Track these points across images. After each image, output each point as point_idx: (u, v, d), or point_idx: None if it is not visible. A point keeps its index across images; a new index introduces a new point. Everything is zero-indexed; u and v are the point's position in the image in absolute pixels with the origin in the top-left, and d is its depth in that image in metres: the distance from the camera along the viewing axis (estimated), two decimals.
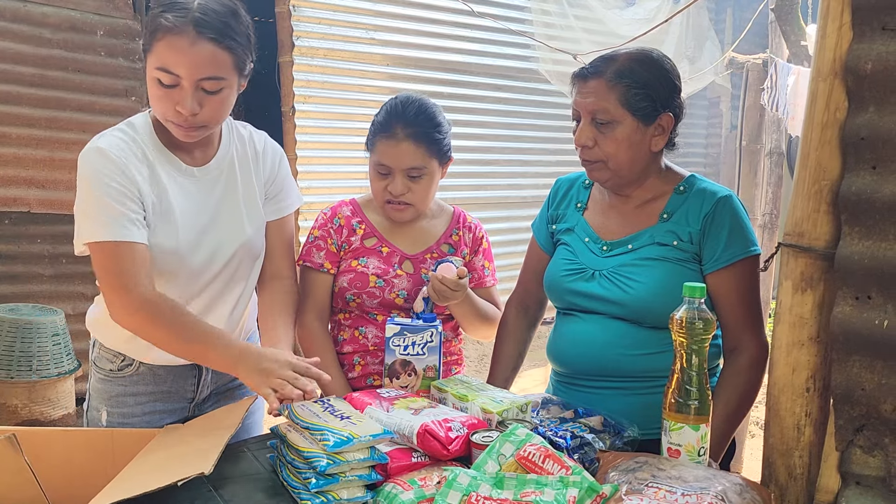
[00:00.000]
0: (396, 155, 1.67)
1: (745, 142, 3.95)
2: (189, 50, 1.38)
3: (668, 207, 1.55)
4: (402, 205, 1.71)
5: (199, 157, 1.58)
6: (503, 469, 1.16)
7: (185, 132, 1.46)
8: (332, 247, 1.75)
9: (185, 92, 1.40)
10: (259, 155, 1.68)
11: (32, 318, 3.54)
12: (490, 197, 5.88)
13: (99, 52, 3.93)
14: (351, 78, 5.07)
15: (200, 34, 1.38)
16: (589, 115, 1.51)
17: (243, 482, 1.31)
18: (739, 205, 1.53)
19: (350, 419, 1.27)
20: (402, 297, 1.72)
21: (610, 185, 1.58)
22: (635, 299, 1.49)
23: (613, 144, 1.50)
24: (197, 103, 1.42)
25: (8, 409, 3.52)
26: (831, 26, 1.12)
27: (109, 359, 1.63)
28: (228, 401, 1.71)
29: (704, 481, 1.09)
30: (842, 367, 1.11)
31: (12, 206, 3.74)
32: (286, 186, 1.72)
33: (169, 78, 1.40)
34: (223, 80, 1.44)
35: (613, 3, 5.94)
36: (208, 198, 1.57)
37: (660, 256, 1.51)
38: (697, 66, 6.02)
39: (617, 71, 1.48)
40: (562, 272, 1.61)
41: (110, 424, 1.63)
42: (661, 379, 1.38)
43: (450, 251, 1.80)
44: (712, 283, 1.49)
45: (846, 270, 1.10)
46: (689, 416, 1.21)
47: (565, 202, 1.71)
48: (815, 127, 1.16)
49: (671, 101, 1.52)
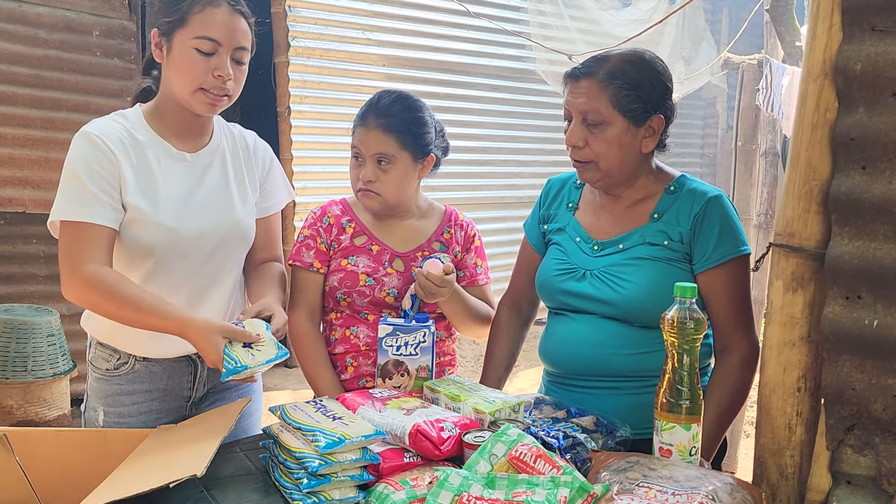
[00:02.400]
0: (366, 141, 1.71)
1: (741, 142, 3.95)
2: (229, 19, 1.52)
3: (658, 207, 1.55)
4: (371, 192, 1.72)
5: (190, 145, 1.63)
6: (495, 469, 1.16)
7: (213, 101, 1.54)
8: (322, 246, 1.75)
9: (222, 58, 1.52)
10: (250, 149, 1.73)
11: (28, 319, 3.54)
12: (486, 197, 5.89)
13: (94, 53, 3.93)
14: (347, 78, 5.07)
15: (233, 7, 1.54)
16: (580, 116, 1.51)
17: (236, 483, 1.31)
18: (730, 205, 1.54)
19: (342, 419, 1.27)
20: (392, 296, 1.72)
21: (600, 186, 1.59)
22: (626, 299, 1.50)
23: (604, 145, 1.50)
24: (231, 70, 1.53)
25: (3, 410, 3.51)
26: (821, 27, 1.13)
27: (105, 357, 1.64)
28: (226, 401, 1.71)
29: (695, 481, 1.10)
30: (832, 366, 1.11)
31: (8, 207, 3.74)
32: (276, 184, 1.78)
33: (210, 45, 1.50)
34: (248, 51, 1.57)
35: (609, 4, 5.95)
36: (199, 181, 1.62)
37: (650, 256, 1.51)
38: (693, 67, 6.03)
39: (609, 72, 1.48)
40: (553, 272, 1.61)
41: (107, 424, 1.63)
42: (653, 378, 1.39)
43: (441, 249, 1.80)
44: (703, 283, 1.49)
45: (836, 270, 1.10)
46: (680, 416, 1.22)
47: (557, 202, 1.72)
48: (805, 127, 1.16)
49: (662, 102, 1.52)
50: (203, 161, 1.64)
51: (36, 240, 3.85)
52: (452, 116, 5.50)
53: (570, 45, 5.43)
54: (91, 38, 3.91)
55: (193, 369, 1.67)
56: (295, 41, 4.84)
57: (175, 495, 1.20)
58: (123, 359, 1.62)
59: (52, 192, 1.48)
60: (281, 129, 4.92)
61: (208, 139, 1.66)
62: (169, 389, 1.66)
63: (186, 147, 1.62)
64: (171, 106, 1.58)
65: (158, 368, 1.64)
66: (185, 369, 1.66)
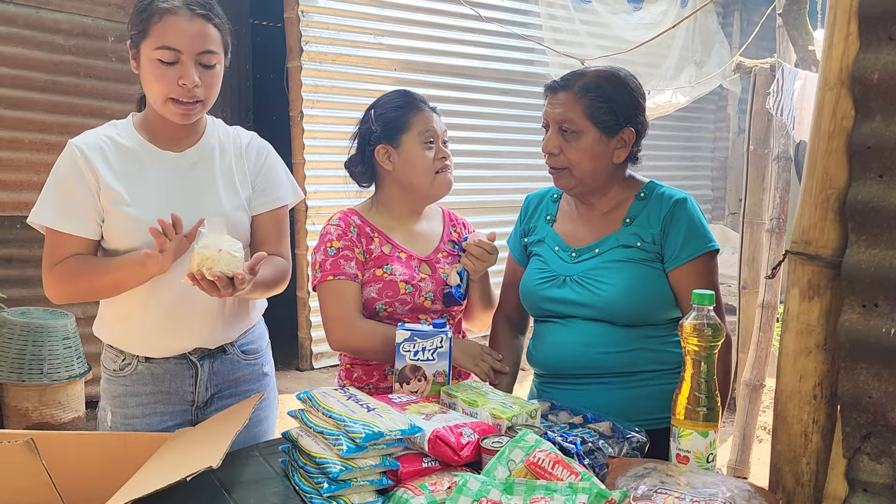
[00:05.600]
0: (435, 123, 1.78)
1: (753, 146, 3.94)
2: (188, 26, 1.53)
3: (630, 212, 1.65)
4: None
5: (177, 147, 1.66)
6: (513, 475, 1.17)
7: (186, 110, 1.56)
8: (360, 256, 1.74)
9: (185, 66, 1.53)
10: (242, 149, 1.74)
11: (43, 322, 3.57)
12: (497, 201, 5.90)
13: (110, 58, 3.97)
14: (359, 83, 5.09)
15: (193, 12, 1.54)
16: (556, 125, 1.62)
17: (255, 486, 1.32)
18: (695, 206, 1.64)
19: (376, 411, 1.28)
20: (429, 300, 1.75)
21: (575, 193, 1.69)
22: (605, 300, 1.58)
23: (577, 153, 1.60)
24: (197, 77, 1.54)
25: (19, 412, 3.55)
26: (838, 36, 1.13)
27: (112, 358, 1.70)
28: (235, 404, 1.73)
29: (713, 487, 1.10)
30: (849, 374, 1.12)
31: (24, 211, 3.74)
32: (275, 180, 1.76)
33: (170, 55, 1.52)
34: (216, 54, 1.58)
35: (619, 8, 5.95)
36: (183, 178, 1.65)
37: (625, 258, 1.61)
38: (705, 71, 6.02)
39: (584, 85, 1.60)
40: (535, 281, 1.70)
41: (114, 425, 1.67)
42: (640, 374, 1.59)
43: (455, 248, 1.85)
44: (674, 280, 1.59)
45: (853, 278, 1.11)
46: (697, 423, 1.22)
47: (535, 216, 1.82)
48: (822, 135, 1.17)
49: (634, 117, 1.62)
50: (189, 160, 1.66)
51: None
52: (463, 120, 5.51)
53: (580, 49, 5.44)
54: (106, 44, 3.95)
55: (194, 371, 1.70)
56: (308, 46, 4.86)
57: (195, 497, 1.22)
58: (128, 359, 1.67)
59: None
60: (293, 133, 4.94)
61: (197, 140, 1.68)
62: (172, 392, 1.69)
63: (173, 148, 1.65)
64: (155, 114, 1.62)
65: (160, 370, 1.67)
66: (185, 371, 1.69)
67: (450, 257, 1.83)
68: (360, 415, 1.25)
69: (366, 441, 1.17)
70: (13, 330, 3.52)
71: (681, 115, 6.77)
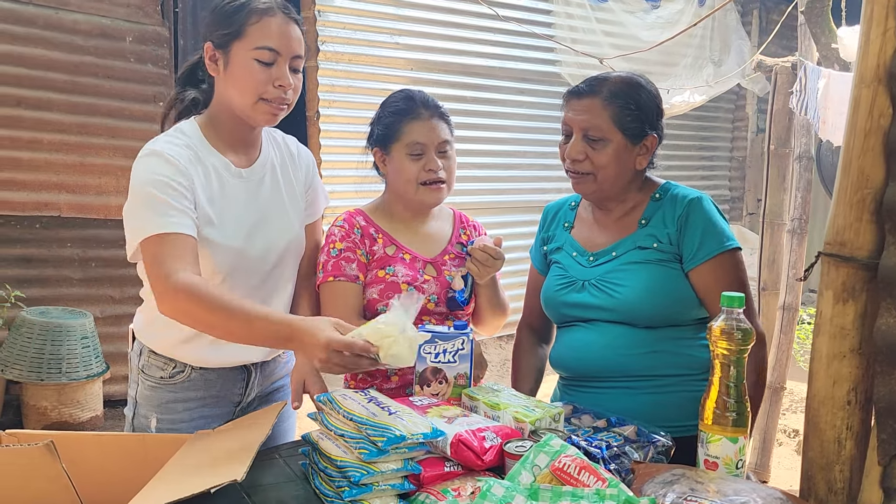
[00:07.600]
0: (428, 132, 1.71)
1: (774, 146, 3.88)
2: (286, 28, 1.53)
3: (645, 214, 1.65)
4: (439, 183, 1.73)
5: (244, 160, 1.63)
6: (538, 480, 1.15)
7: (275, 110, 1.55)
8: (363, 257, 1.73)
9: (282, 68, 1.52)
10: (295, 157, 1.75)
11: (62, 321, 3.59)
12: (513, 201, 5.86)
13: (129, 59, 3.98)
14: (376, 82, 5.08)
15: (287, 15, 1.54)
16: (581, 132, 1.60)
17: (276, 489, 1.31)
18: (711, 205, 1.62)
19: (398, 414, 1.25)
20: (433, 302, 1.73)
21: (594, 198, 1.69)
22: (622, 302, 1.58)
23: (604, 158, 1.59)
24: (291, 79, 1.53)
25: (37, 411, 3.57)
26: (875, 32, 1.10)
27: (160, 366, 1.63)
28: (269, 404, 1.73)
29: (744, 495, 1.08)
30: (886, 379, 1.09)
31: (43, 211, 3.80)
32: (319, 191, 1.80)
33: (270, 55, 1.50)
34: (303, 59, 1.58)
35: (636, 6, 5.90)
36: (256, 198, 1.62)
37: (642, 259, 1.60)
38: (723, 70, 5.95)
39: (611, 91, 1.59)
40: (555, 287, 1.71)
41: (160, 431, 1.63)
42: (663, 378, 1.57)
43: (462, 250, 1.81)
44: (695, 280, 1.57)
45: (890, 281, 1.08)
46: (726, 429, 1.20)
47: (554, 224, 1.82)
48: (857, 134, 1.14)
49: (656, 123, 1.64)
50: (256, 176, 1.64)
51: (71, 243, 3.91)
52: (479, 120, 5.48)
53: (596, 48, 5.39)
54: (125, 45, 3.96)
55: (246, 376, 1.69)
56: (324, 46, 4.86)
57: (216, 500, 1.20)
58: (179, 367, 1.62)
59: (87, 197, 1.49)
60: (310, 133, 4.93)
61: (258, 152, 1.66)
62: (221, 396, 1.67)
63: (241, 162, 1.62)
64: (227, 118, 1.58)
65: (213, 376, 1.65)
66: (238, 376, 1.68)
67: (456, 259, 1.80)
68: (382, 418, 1.23)
69: (388, 445, 1.16)
70: (32, 329, 3.54)
71: (698, 115, 6.70)
